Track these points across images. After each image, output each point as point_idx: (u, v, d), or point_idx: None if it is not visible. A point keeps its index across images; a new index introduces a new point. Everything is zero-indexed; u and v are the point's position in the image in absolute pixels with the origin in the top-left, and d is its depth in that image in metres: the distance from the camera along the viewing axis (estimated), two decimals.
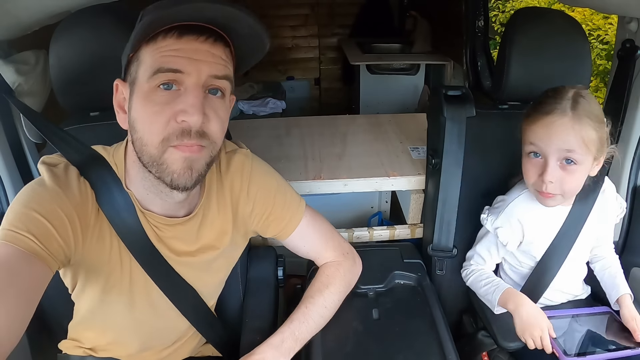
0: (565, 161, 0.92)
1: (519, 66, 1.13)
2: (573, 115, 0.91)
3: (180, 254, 0.85)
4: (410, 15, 3.46)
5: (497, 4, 3.46)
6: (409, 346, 0.93)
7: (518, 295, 1.00)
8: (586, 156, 0.92)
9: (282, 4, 3.88)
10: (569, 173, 0.92)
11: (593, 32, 2.52)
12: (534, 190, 0.98)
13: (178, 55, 0.68)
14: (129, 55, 0.72)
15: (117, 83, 0.76)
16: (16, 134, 1.07)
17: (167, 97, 0.69)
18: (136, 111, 0.71)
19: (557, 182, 0.93)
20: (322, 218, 1.01)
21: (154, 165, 0.72)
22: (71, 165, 0.77)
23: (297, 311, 0.90)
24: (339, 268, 0.98)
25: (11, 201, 1.05)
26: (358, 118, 1.96)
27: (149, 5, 0.68)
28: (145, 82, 0.70)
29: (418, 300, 1.06)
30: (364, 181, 1.38)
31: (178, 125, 0.69)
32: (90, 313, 0.87)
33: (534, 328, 0.94)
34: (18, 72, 1.01)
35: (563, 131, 0.91)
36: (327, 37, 4.06)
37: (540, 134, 0.93)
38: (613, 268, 1.07)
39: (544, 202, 0.98)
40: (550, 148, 0.92)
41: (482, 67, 2.44)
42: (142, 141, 0.71)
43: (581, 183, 0.95)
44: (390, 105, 3.24)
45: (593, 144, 0.92)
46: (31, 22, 0.98)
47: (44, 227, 0.68)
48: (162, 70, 0.68)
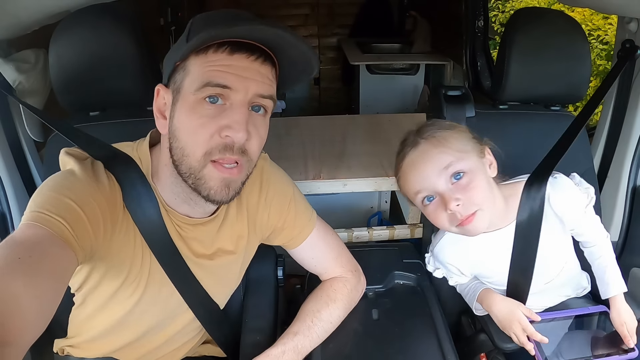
0: (454, 178, 0.87)
1: (519, 66, 1.13)
2: (425, 140, 0.90)
3: (199, 255, 0.85)
4: (410, 15, 3.46)
5: (497, 4, 3.46)
6: (409, 346, 0.93)
7: (489, 295, 0.98)
8: (467, 159, 0.88)
9: (282, 4, 3.88)
10: (467, 186, 0.87)
11: (593, 32, 2.53)
12: (458, 229, 0.91)
13: (228, 72, 0.69)
14: (176, 62, 0.72)
15: (158, 88, 0.76)
16: (16, 133, 1.07)
17: (212, 110, 0.70)
18: (180, 121, 0.71)
19: (463, 199, 0.86)
20: (333, 231, 1.00)
21: (191, 177, 0.73)
22: (96, 161, 0.77)
23: (302, 323, 0.88)
24: (347, 284, 0.96)
25: (11, 201, 1.06)
26: (358, 118, 1.96)
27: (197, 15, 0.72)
28: (191, 93, 0.70)
29: (417, 301, 1.06)
30: (363, 181, 1.38)
31: (221, 140, 0.71)
32: (95, 311, 0.85)
33: (512, 323, 0.93)
34: (18, 71, 1.01)
35: (427, 158, 0.88)
36: (327, 37, 4.06)
37: (413, 177, 0.90)
38: (603, 259, 0.97)
39: (473, 231, 0.89)
40: (430, 180, 0.88)
41: (482, 67, 2.44)
42: (184, 151, 0.72)
43: (487, 187, 0.89)
44: (390, 105, 3.24)
45: (464, 145, 0.89)
46: (31, 22, 0.98)
47: (76, 214, 0.66)
48: (211, 84, 0.69)
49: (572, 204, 0.95)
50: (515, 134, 1.18)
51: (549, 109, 1.22)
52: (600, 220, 1.01)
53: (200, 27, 0.70)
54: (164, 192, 0.80)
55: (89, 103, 1.05)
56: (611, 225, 1.24)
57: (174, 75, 0.73)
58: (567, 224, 0.97)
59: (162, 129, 0.76)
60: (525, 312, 0.93)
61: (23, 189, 1.09)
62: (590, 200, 0.97)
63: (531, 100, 1.22)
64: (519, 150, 1.00)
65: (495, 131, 1.19)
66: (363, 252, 1.23)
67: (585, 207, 0.96)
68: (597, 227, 0.99)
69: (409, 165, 0.91)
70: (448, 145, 0.88)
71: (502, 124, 1.19)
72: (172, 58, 0.73)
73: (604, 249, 0.98)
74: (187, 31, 0.72)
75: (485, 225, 0.90)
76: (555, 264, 0.99)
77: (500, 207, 0.94)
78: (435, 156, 0.88)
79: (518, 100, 1.20)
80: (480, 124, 1.19)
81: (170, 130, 0.73)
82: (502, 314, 0.94)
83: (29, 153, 1.11)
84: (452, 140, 0.89)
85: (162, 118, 0.76)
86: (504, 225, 0.96)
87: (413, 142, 0.92)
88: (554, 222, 0.96)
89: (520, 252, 0.95)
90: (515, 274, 0.97)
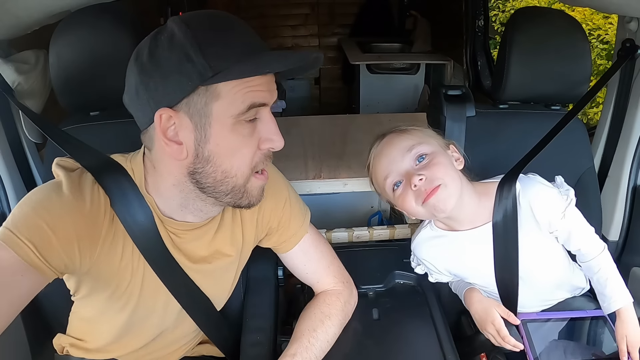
0: (418, 160, 0.91)
1: (519, 66, 1.13)
2: (391, 134, 0.97)
3: (196, 260, 0.84)
4: (410, 15, 3.46)
5: (497, 3, 3.46)
6: (409, 346, 0.93)
7: (470, 294, 0.99)
8: (430, 145, 0.93)
9: (282, 4, 3.88)
10: (430, 165, 0.90)
11: (593, 32, 2.53)
12: (423, 211, 0.92)
13: (263, 90, 0.70)
14: (197, 85, 0.66)
15: (162, 113, 0.68)
16: (16, 134, 1.07)
17: (250, 128, 0.71)
18: (219, 145, 0.70)
19: (426, 175, 0.89)
20: (324, 239, 1.00)
21: (231, 193, 0.74)
22: (86, 171, 0.76)
23: (299, 344, 0.85)
24: (340, 297, 0.95)
25: (11, 201, 1.06)
26: (358, 117, 1.96)
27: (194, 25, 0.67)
28: (230, 117, 0.68)
29: (417, 301, 1.06)
30: (363, 180, 1.37)
31: (262, 152, 0.74)
32: (93, 317, 0.86)
33: (486, 324, 0.93)
34: (18, 72, 1.00)
35: (392, 144, 0.94)
36: (327, 37, 4.06)
37: (381, 164, 0.96)
38: (603, 272, 0.93)
39: (439, 205, 0.89)
40: (397, 163, 0.93)
41: (482, 67, 2.45)
42: (228, 173, 0.72)
43: (451, 169, 0.91)
44: (390, 104, 3.24)
45: (426, 135, 0.95)
46: (31, 22, 0.98)
47: (47, 238, 0.67)
48: (254, 105, 0.69)
49: (545, 204, 0.93)
50: (516, 134, 1.18)
51: (549, 108, 1.22)
52: (600, 222, 1.00)
53: (220, 46, 0.66)
54: (161, 202, 0.79)
55: (89, 103, 1.05)
56: (611, 225, 1.24)
57: (190, 97, 0.67)
58: (543, 225, 0.94)
59: (179, 155, 0.70)
60: (502, 313, 0.93)
61: (23, 189, 1.09)
62: (570, 202, 0.94)
63: (531, 100, 1.22)
64: (519, 149, 1.00)
65: (495, 131, 1.19)
66: (363, 252, 1.23)
67: (564, 209, 0.93)
68: (592, 239, 0.96)
69: (377, 155, 0.97)
70: (411, 132, 0.96)
71: (502, 124, 1.19)
72: (181, 80, 0.66)
73: (602, 262, 0.94)
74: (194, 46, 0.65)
75: (451, 202, 0.89)
76: (539, 267, 0.97)
77: (472, 201, 0.95)
78: (399, 142, 0.94)
79: (518, 100, 1.20)
80: (481, 123, 1.19)
81: (201, 156, 0.70)
82: (479, 314, 0.95)
83: (30, 153, 1.11)
84: (414, 131, 0.97)
85: (175, 144, 0.70)
86: (478, 224, 0.96)
87: (380, 137, 0.99)
88: (530, 223, 0.94)
89: (502, 252, 0.94)
90: (502, 274, 0.95)
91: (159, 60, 0.67)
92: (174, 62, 0.66)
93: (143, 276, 0.81)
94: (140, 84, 0.68)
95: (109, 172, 0.76)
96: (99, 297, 0.81)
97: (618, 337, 0.89)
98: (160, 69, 0.67)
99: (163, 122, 0.68)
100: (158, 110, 0.68)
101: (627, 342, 0.88)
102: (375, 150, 0.98)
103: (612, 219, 1.24)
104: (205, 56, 0.65)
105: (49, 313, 1.01)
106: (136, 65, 0.69)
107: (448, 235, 1.00)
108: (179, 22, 0.67)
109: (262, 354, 0.91)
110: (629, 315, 0.89)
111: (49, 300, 1.02)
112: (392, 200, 0.98)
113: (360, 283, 1.09)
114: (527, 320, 0.98)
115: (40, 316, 1.05)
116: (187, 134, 0.69)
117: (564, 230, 0.95)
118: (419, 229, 1.07)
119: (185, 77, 0.66)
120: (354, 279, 1.09)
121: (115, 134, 0.83)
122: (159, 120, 0.68)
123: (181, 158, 0.71)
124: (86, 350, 0.90)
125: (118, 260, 0.77)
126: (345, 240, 1.41)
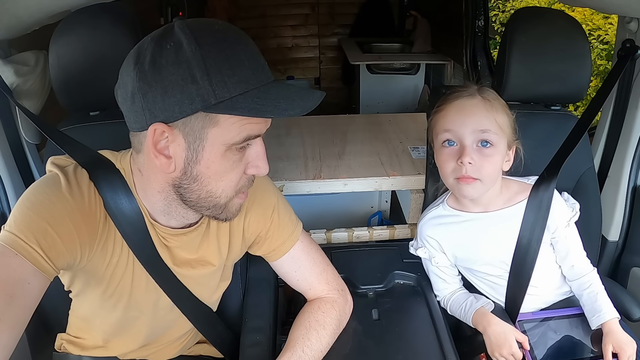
0: (481, 143, 0.92)
1: (519, 66, 1.13)
2: (482, 98, 0.94)
3: (180, 263, 0.85)
4: (411, 15, 3.47)
5: (497, 3, 3.47)
6: (409, 346, 0.93)
7: (486, 316, 0.98)
8: (501, 138, 0.93)
9: (282, 4, 3.88)
10: (486, 156, 0.92)
11: (593, 32, 2.53)
12: (452, 182, 0.95)
13: (260, 122, 0.71)
14: (197, 109, 0.65)
15: (157, 128, 0.67)
16: (16, 134, 1.07)
17: (240, 154, 0.72)
18: (209, 168, 0.70)
19: (476, 164, 0.91)
20: (318, 247, 0.98)
21: (211, 209, 0.75)
22: (80, 167, 0.76)
23: (292, 353, 0.84)
24: (334, 305, 0.93)
25: (11, 201, 1.06)
26: (358, 117, 1.96)
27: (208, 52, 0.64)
28: (224, 144, 0.69)
29: (417, 301, 1.06)
30: (363, 181, 1.38)
31: (246, 177, 0.75)
32: (89, 314, 0.88)
33: (502, 347, 0.92)
34: (17, 74, 1.00)
35: (476, 112, 0.93)
36: (327, 37, 4.07)
37: (453, 117, 0.94)
38: (592, 288, 0.98)
39: (463, 193, 0.95)
40: (465, 130, 0.92)
41: (482, 67, 2.45)
42: (212, 194, 0.73)
43: (498, 169, 0.95)
44: (390, 104, 3.24)
45: (506, 126, 0.94)
46: (31, 22, 0.98)
47: (51, 239, 0.68)
48: (251, 137, 0.70)
49: (557, 208, 0.99)
50: None
51: (549, 108, 1.22)
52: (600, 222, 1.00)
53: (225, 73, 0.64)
54: (148, 205, 0.79)
55: (88, 103, 1.05)
56: (611, 225, 1.24)
57: (189, 119, 0.66)
58: (551, 227, 0.98)
59: (166, 168, 0.70)
60: (518, 338, 0.93)
61: (23, 189, 1.06)
62: (574, 214, 1.01)
63: (531, 100, 1.22)
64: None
65: None
66: (363, 252, 1.23)
67: (569, 219, 1.00)
68: (585, 257, 1.01)
69: (458, 106, 0.95)
70: (497, 116, 0.93)
71: None
72: (183, 100, 0.64)
73: (593, 279, 0.99)
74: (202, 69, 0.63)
75: (475, 195, 0.96)
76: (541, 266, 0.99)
77: (494, 192, 0.99)
78: (482, 116, 0.93)
79: (518, 100, 1.20)
80: None
81: (189, 175, 0.71)
82: (496, 337, 0.94)
83: (30, 153, 1.11)
84: (502, 115, 0.94)
85: (164, 157, 0.69)
86: (488, 210, 1.00)
87: (471, 92, 0.96)
88: None
89: (525, 242, 0.97)
90: (517, 266, 0.98)
91: (162, 73, 0.64)
92: (178, 80, 0.63)
93: (133, 274, 0.82)
94: (138, 91, 0.66)
95: (103, 172, 0.76)
96: (93, 294, 0.82)
97: (605, 347, 0.90)
98: (162, 82, 0.64)
99: (156, 136, 0.68)
100: (153, 124, 0.66)
101: (619, 352, 0.89)
102: (459, 101, 0.95)
103: (612, 219, 1.24)
104: (211, 82, 0.63)
105: (48, 312, 1.01)
106: (135, 68, 0.65)
107: (462, 216, 1.02)
108: (188, 34, 0.64)
109: (262, 354, 0.91)
110: (617, 326, 0.92)
111: (48, 299, 1.02)
112: (435, 150, 1.00)
113: (360, 283, 1.09)
114: (524, 321, 0.98)
115: (39, 315, 1.04)
116: (179, 152, 0.69)
117: (564, 241, 1.00)
118: (429, 208, 1.09)
119: (187, 98, 0.64)
120: (354, 279, 1.09)
121: (115, 134, 0.83)
122: (152, 133, 0.67)
123: (168, 171, 0.71)
124: (83, 347, 0.91)
125: (110, 258, 0.78)
126: (345, 240, 1.41)
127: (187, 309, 0.90)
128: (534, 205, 0.97)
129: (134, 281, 0.82)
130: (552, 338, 0.97)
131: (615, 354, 0.89)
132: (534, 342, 0.95)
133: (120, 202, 0.76)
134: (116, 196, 0.76)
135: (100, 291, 0.81)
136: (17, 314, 0.64)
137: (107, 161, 0.79)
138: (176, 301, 0.87)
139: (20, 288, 0.65)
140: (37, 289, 0.67)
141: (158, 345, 0.95)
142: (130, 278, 0.82)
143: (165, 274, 0.83)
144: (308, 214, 1.15)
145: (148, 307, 0.86)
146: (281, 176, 1.36)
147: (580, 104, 2.55)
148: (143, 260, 0.80)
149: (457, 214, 1.03)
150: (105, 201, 0.75)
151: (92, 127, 1.05)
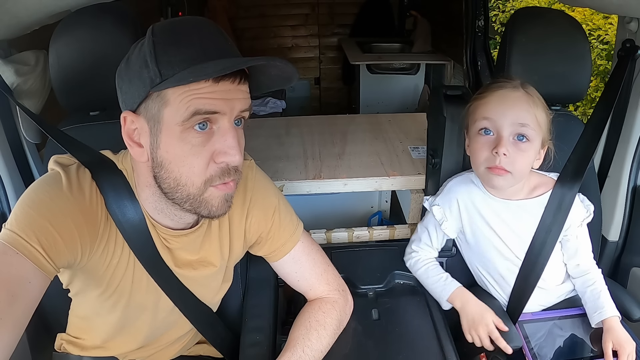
0: (518, 137, 0.92)
1: (519, 66, 1.13)
2: (525, 92, 0.94)
3: (181, 265, 0.85)
4: (411, 15, 3.47)
5: (497, 3, 3.46)
6: (409, 346, 0.93)
7: (465, 294, 1.00)
8: (537, 135, 0.93)
9: (282, 4, 3.88)
10: (521, 150, 0.92)
11: (593, 32, 2.52)
12: (483, 171, 0.96)
13: (214, 98, 0.68)
14: (149, 92, 0.68)
15: (125, 115, 0.71)
16: (16, 133, 1.07)
17: (202, 137, 0.69)
18: (168, 152, 0.70)
19: (510, 157, 0.91)
20: (319, 247, 0.98)
21: (188, 202, 0.73)
22: (82, 167, 0.76)
23: (292, 353, 0.84)
24: (335, 306, 0.93)
25: (11, 201, 1.06)
26: (358, 117, 1.96)
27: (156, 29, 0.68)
28: (177, 124, 0.68)
29: (417, 301, 1.06)
30: (363, 181, 1.38)
31: (218, 166, 0.71)
32: (88, 314, 0.88)
33: (479, 325, 0.94)
34: (17, 73, 1.00)
35: (517, 104, 0.92)
36: (327, 37, 4.06)
37: (494, 107, 0.93)
38: (596, 285, 0.99)
39: (492, 183, 0.96)
40: (505, 120, 0.92)
41: (482, 67, 2.44)
42: (179, 182, 0.71)
43: (530, 165, 0.95)
44: (390, 104, 3.24)
45: (544, 124, 0.94)
46: (31, 22, 0.98)
47: (52, 237, 0.68)
48: (199, 112, 0.67)
49: (573, 209, 0.99)
50: None
51: (549, 108, 1.22)
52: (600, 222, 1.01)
53: (172, 54, 0.66)
54: (147, 204, 0.79)
55: (89, 102, 1.05)
56: (611, 225, 1.25)
57: (147, 102, 0.69)
58: (565, 224, 0.99)
59: (139, 157, 0.73)
60: (494, 320, 0.95)
61: (23, 189, 1.07)
62: (588, 216, 1.02)
63: None
64: None
65: None
66: (363, 252, 1.23)
67: (583, 220, 1.01)
68: (591, 257, 1.02)
69: (501, 96, 0.95)
70: (537, 112, 0.93)
71: None
72: (139, 85, 0.68)
73: (597, 277, 1.01)
74: (151, 54, 0.67)
75: (505, 187, 0.98)
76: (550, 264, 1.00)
77: (519, 184, 1.00)
78: (524, 110, 0.92)
79: None
80: None
81: (156, 161, 0.72)
82: (474, 314, 0.96)
83: (30, 153, 1.11)
84: (542, 112, 0.94)
85: (137, 146, 0.72)
86: (512, 198, 1.00)
87: (515, 85, 0.96)
88: None
89: (537, 247, 0.99)
90: (528, 264, 0.99)
91: (129, 65, 0.71)
92: (137, 68, 0.69)
93: (133, 275, 0.82)
94: (117, 86, 0.74)
95: (105, 172, 0.76)
96: (92, 294, 0.82)
97: (605, 344, 0.91)
98: (128, 74, 0.71)
99: (127, 125, 0.72)
100: (123, 112, 0.72)
101: (618, 349, 0.90)
102: (502, 91, 0.95)
103: (612, 219, 1.24)
104: (158, 63, 0.67)
105: (48, 311, 1.01)
106: (119, 67, 0.73)
107: (487, 194, 1.02)
108: (151, 29, 0.69)
109: (262, 354, 0.91)
110: (618, 324, 0.93)
111: (48, 298, 1.02)
112: (469, 137, 1.00)
113: (360, 283, 1.09)
114: (524, 322, 0.98)
115: (39, 315, 1.05)
116: (145, 138, 0.72)
117: (574, 240, 1.01)
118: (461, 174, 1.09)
119: (142, 83, 0.68)
120: (354, 279, 1.10)
121: (115, 133, 0.83)
122: (123, 122, 0.72)
123: (142, 160, 0.73)
124: (83, 347, 0.91)
125: (110, 258, 0.78)
126: (345, 240, 1.41)
127: (187, 310, 0.90)
128: (554, 206, 0.99)
129: (134, 282, 0.82)
130: (556, 337, 0.97)
131: (615, 351, 0.90)
132: (539, 341, 0.95)
133: (122, 203, 0.76)
134: (118, 197, 0.76)
135: (99, 291, 0.81)
136: (18, 313, 0.64)
137: (109, 161, 0.79)
138: (177, 302, 0.87)
139: (21, 287, 0.65)
140: (37, 288, 0.67)
141: (158, 345, 0.95)
142: (131, 279, 0.82)
143: (166, 275, 0.83)
144: (308, 214, 1.15)
145: (148, 307, 0.86)
146: (281, 176, 1.36)
147: (580, 104, 2.56)
148: (144, 261, 0.80)
149: (484, 191, 1.03)
150: (107, 201, 0.75)
151: (92, 127, 1.05)
